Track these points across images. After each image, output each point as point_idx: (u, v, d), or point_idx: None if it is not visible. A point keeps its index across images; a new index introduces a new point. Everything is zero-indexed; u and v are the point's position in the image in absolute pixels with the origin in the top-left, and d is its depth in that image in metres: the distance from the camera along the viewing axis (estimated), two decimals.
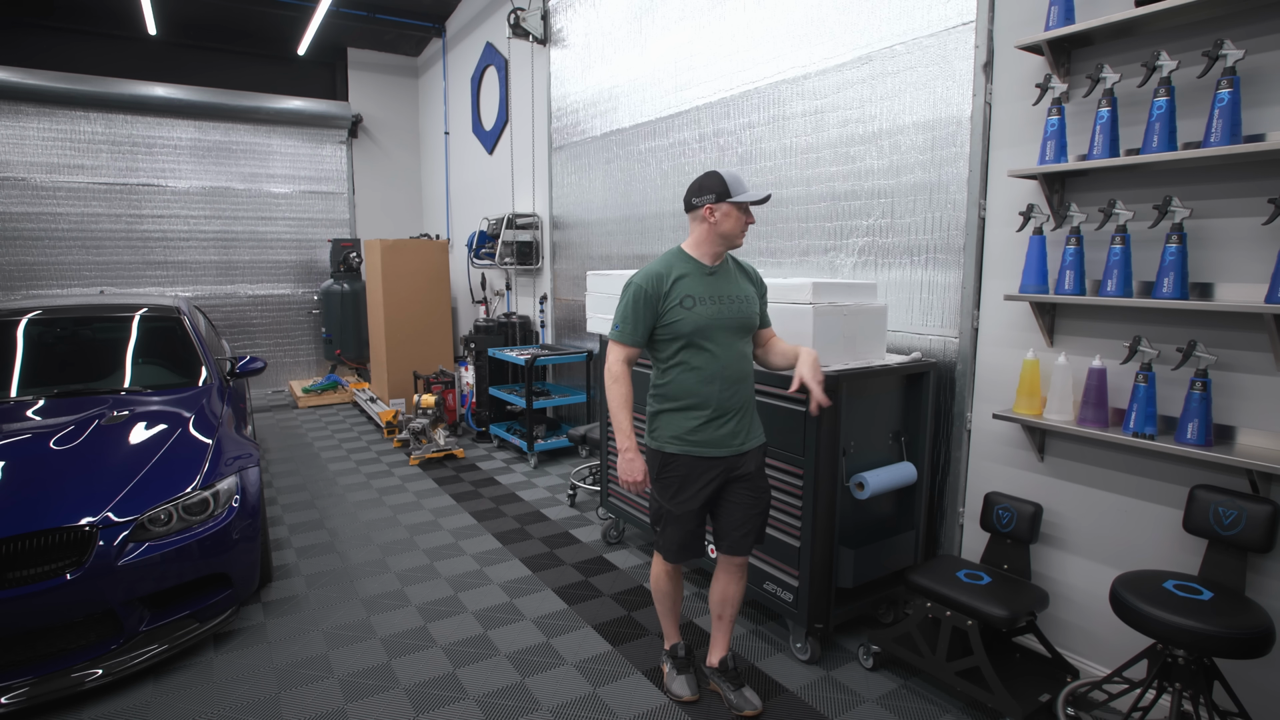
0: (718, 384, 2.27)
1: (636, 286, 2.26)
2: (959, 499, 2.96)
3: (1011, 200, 2.69)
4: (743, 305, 2.33)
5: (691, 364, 2.26)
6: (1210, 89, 2.11)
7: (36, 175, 7.18)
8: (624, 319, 2.28)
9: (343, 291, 8.02)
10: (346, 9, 7.19)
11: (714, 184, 2.26)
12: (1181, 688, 2.02)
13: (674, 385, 2.29)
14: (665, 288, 2.25)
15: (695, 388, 2.27)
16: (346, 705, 2.49)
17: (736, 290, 2.34)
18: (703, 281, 2.29)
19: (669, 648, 2.60)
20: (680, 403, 2.29)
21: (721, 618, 2.53)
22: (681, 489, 2.32)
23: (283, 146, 8.31)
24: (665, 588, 2.52)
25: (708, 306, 2.26)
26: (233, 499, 2.88)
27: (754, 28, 3.84)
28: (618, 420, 2.27)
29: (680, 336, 2.25)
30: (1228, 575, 2.10)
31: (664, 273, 2.27)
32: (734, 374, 2.29)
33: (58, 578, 2.43)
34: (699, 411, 2.27)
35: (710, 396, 2.27)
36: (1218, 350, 2.17)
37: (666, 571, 2.49)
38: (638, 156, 4.91)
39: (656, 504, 2.40)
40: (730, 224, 2.27)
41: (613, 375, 2.29)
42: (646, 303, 2.25)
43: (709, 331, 2.25)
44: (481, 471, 5.24)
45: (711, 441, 2.29)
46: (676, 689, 2.52)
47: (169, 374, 3.84)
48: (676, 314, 2.24)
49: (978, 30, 2.75)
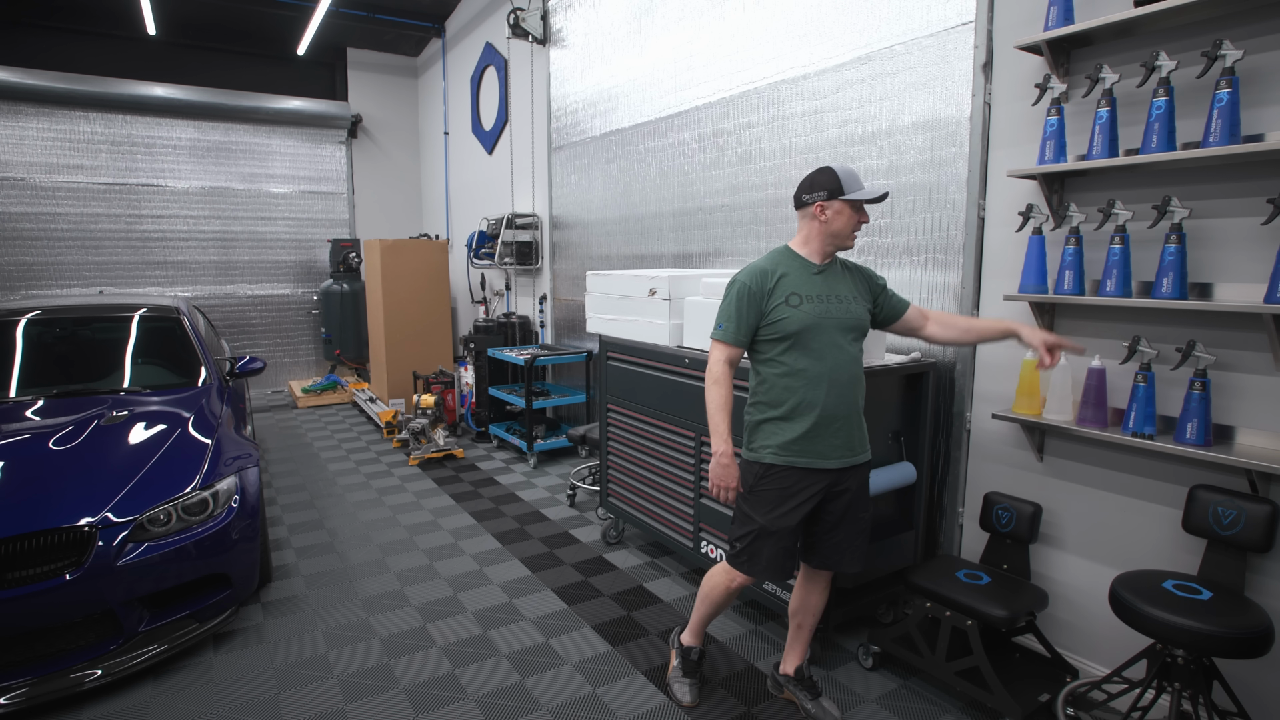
0: (824, 387, 2.12)
1: (740, 284, 2.15)
2: (958, 499, 2.97)
3: (1011, 200, 2.69)
4: (852, 305, 2.19)
5: (796, 366, 2.13)
6: (1209, 89, 2.11)
7: (36, 175, 7.18)
8: (727, 318, 2.17)
9: (342, 291, 8.02)
10: (346, 9, 7.19)
11: (826, 180, 2.13)
12: (1181, 687, 2.02)
13: (777, 389, 2.15)
14: (770, 284, 2.14)
15: (801, 391, 2.12)
16: (346, 705, 2.49)
17: (844, 290, 2.20)
18: (809, 279, 2.17)
19: (686, 645, 2.54)
20: (784, 408, 2.14)
21: (801, 626, 2.43)
22: (780, 503, 2.16)
23: (282, 146, 8.31)
24: (721, 600, 2.39)
25: (815, 305, 2.13)
26: (232, 499, 2.88)
27: (753, 28, 3.84)
28: (715, 423, 2.15)
29: (786, 336, 2.12)
30: (1227, 575, 2.10)
31: (769, 269, 2.17)
32: (843, 377, 2.14)
33: (57, 578, 2.43)
34: (804, 418, 2.12)
35: (816, 400, 2.12)
36: (1217, 350, 2.17)
37: (731, 586, 2.32)
38: (637, 156, 4.91)
39: (743, 518, 2.23)
40: (841, 223, 2.14)
41: (713, 377, 2.17)
42: (751, 300, 2.14)
43: (816, 331, 2.12)
44: (481, 472, 5.24)
45: (817, 451, 2.14)
46: (678, 692, 2.50)
47: (168, 374, 3.84)
48: (782, 311, 2.12)
49: (977, 30, 2.75)
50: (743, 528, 2.24)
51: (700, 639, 2.56)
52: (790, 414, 2.14)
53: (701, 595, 2.46)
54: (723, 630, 2.98)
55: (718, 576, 2.37)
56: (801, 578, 2.41)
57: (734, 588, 2.33)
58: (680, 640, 2.59)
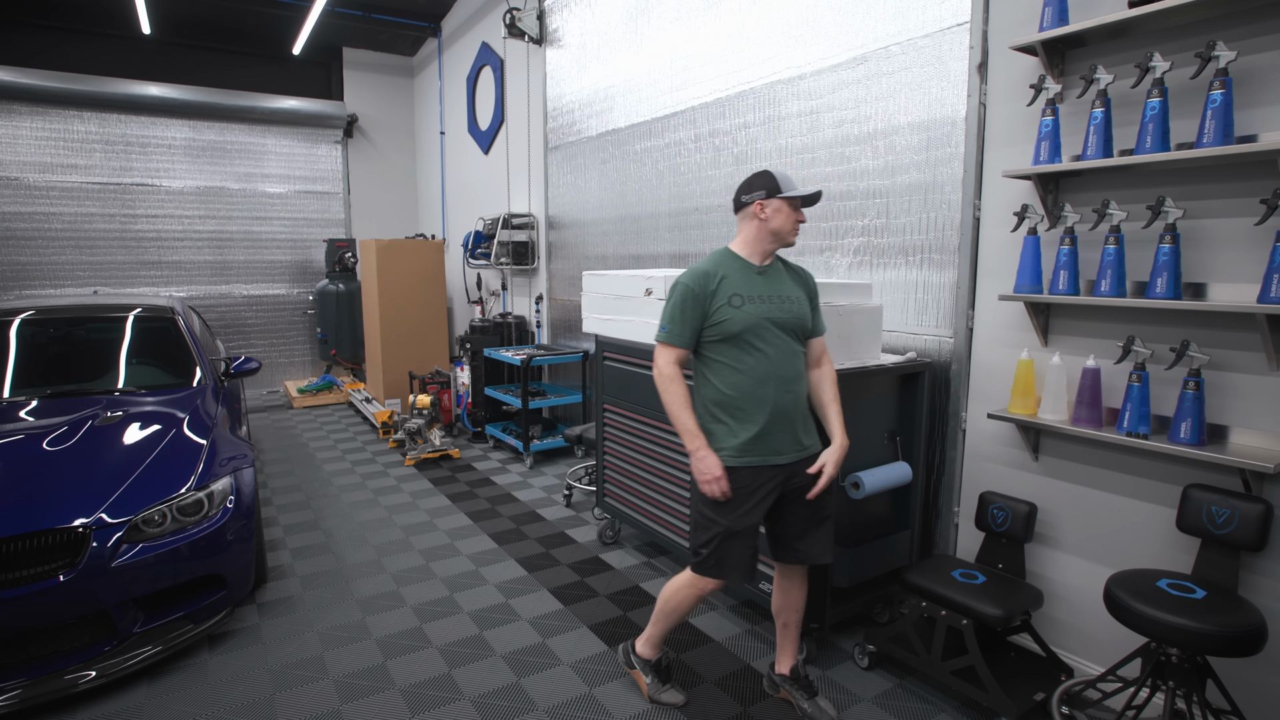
0: (771, 385, 2.17)
1: (684, 286, 2.20)
2: (954, 498, 2.97)
3: (1006, 200, 2.70)
4: (794, 305, 2.25)
5: (742, 366, 2.17)
6: (1203, 90, 2.12)
7: (30, 175, 7.15)
8: (672, 320, 2.21)
9: (338, 292, 8.01)
10: (341, 8, 7.17)
11: (764, 181, 2.22)
12: (1175, 686, 2.03)
13: (726, 391, 2.19)
14: (713, 286, 2.18)
15: (749, 390, 2.17)
16: (341, 706, 2.48)
17: (786, 290, 2.26)
18: (752, 280, 2.22)
19: (652, 660, 2.53)
20: (734, 409, 2.19)
21: (788, 624, 2.45)
22: (741, 503, 2.19)
23: (278, 146, 8.28)
24: (683, 607, 2.39)
25: (757, 305, 2.18)
26: (227, 500, 2.87)
27: (749, 28, 3.84)
28: (682, 421, 2.18)
29: (730, 336, 2.17)
30: (1221, 574, 2.11)
31: (712, 271, 2.21)
32: (789, 374, 2.20)
33: (51, 579, 2.42)
34: (756, 418, 2.17)
35: (766, 399, 2.17)
36: (1211, 350, 2.18)
37: (697, 592, 2.32)
38: (633, 157, 4.91)
39: (707, 523, 2.24)
40: (780, 220, 2.21)
41: (666, 376, 2.19)
42: (695, 302, 2.18)
43: (759, 330, 2.17)
44: (477, 472, 5.23)
45: (770, 449, 2.19)
46: (668, 698, 2.49)
47: (163, 374, 3.83)
48: (725, 313, 2.16)
49: (972, 31, 2.75)
50: (707, 533, 2.24)
51: (660, 650, 2.54)
52: (741, 414, 2.18)
53: (664, 608, 2.43)
54: (718, 630, 2.98)
55: (685, 588, 2.36)
56: (778, 576, 2.43)
57: (703, 593, 2.33)
58: (639, 655, 2.55)
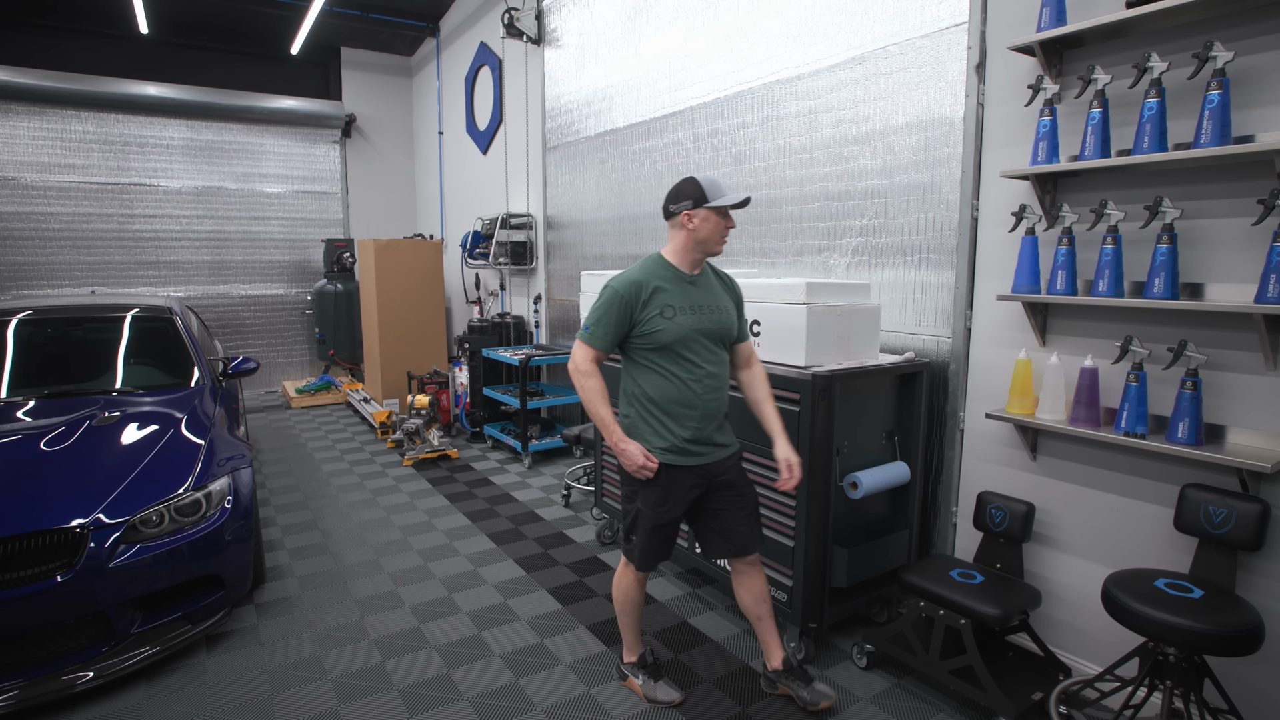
0: (698, 392, 2.26)
1: (614, 291, 2.24)
2: (952, 498, 2.97)
3: (1004, 201, 2.70)
4: (721, 316, 2.32)
5: (672, 374, 2.25)
6: (1200, 90, 2.12)
7: (27, 174, 7.14)
8: (597, 321, 2.26)
9: (336, 292, 8.00)
10: (340, 8, 7.17)
11: (691, 190, 2.24)
12: (1172, 685, 2.03)
13: (654, 395, 2.27)
14: (645, 296, 2.23)
15: (677, 397, 2.25)
16: (340, 707, 2.48)
17: (716, 300, 2.33)
18: (683, 291, 2.28)
19: (635, 659, 2.57)
20: (662, 413, 2.27)
21: (761, 618, 2.49)
22: (666, 499, 2.29)
23: (276, 146, 8.28)
24: (635, 597, 2.48)
25: (688, 316, 2.25)
26: (225, 500, 2.86)
27: (748, 28, 3.84)
28: (601, 415, 2.26)
29: (662, 346, 2.23)
30: (1218, 573, 2.11)
31: (644, 281, 2.25)
32: (715, 382, 2.30)
33: (48, 580, 2.41)
34: (683, 422, 2.26)
35: (693, 405, 2.26)
36: (1208, 350, 2.18)
37: (638, 580, 2.45)
38: (632, 157, 4.91)
39: (632, 514, 2.35)
40: (709, 230, 2.24)
41: (584, 372, 2.27)
42: (624, 309, 2.23)
43: (689, 341, 2.24)
44: (476, 472, 5.23)
45: (695, 452, 2.29)
46: (663, 695, 2.49)
47: (161, 374, 3.82)
48: (657, 324, 2.22)
49: (970, 31, 2.76)
50: (634, 525, 2.36)
51: (640, 642, 2.60)
52: (668, 418, 2.27)
53: (620, 607, 2.52)
54: (716, 630, 2.98)
55: (624, 578, 2.47)
56: (733, 574, 2.49)
57: (640, 580, 2.46)
58: (626, 663, 2.59)
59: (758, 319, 2.82)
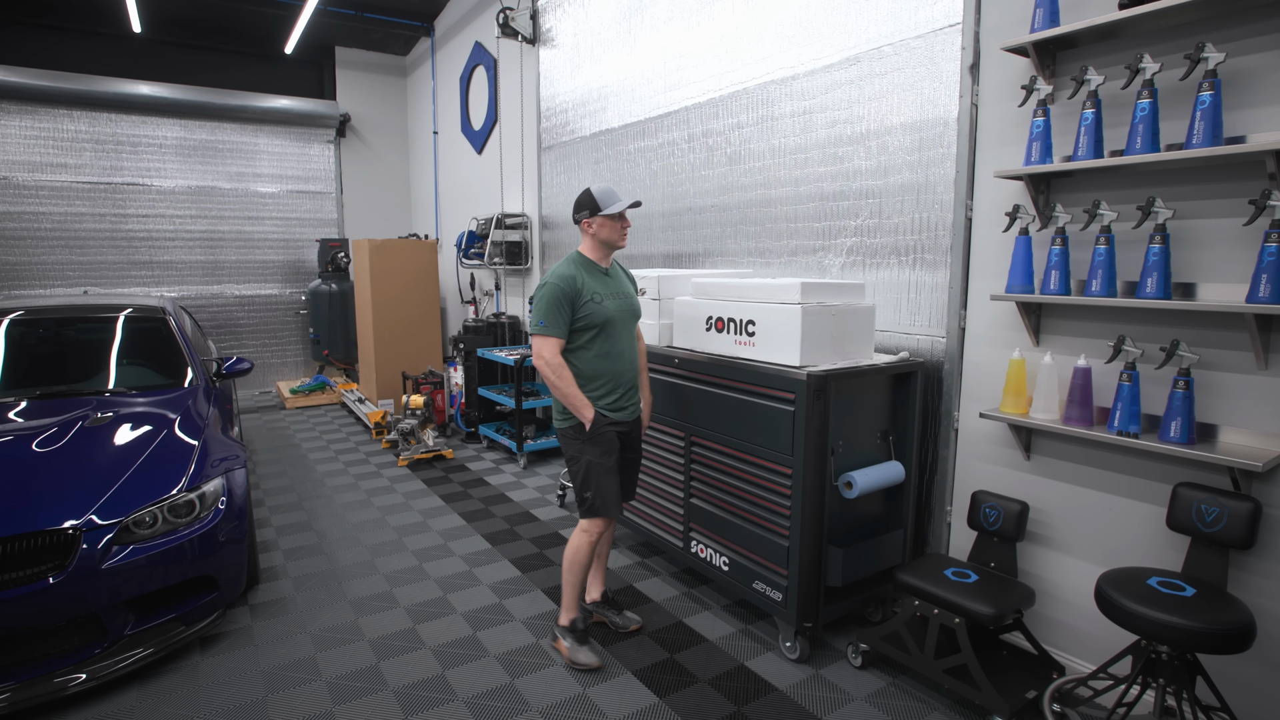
0: (620, 363, 2.70)
1: (554, 286, 2.60)
2: (946, 498, 2.98)
3: (998, 201, 2.71)
4: (630, 301, 2.79)
5: (601, 349, 2.67)
6: (1192, 91, 2.13)
7: (19, 174, 7.10)
8: (548, 315, 2.60)
9: (330, 292, 7.97)
10: (334, 7, 7.15)
11: (587, 201, 2.68)
12: (1165, 683, 2.04)
13: (590, 367, 2.66)
14: (577, 287, 2.62)
15: (607, 367, 2.68)
16: (334, 708, 2.47)
17: (625, 288, 2.80)
18: (602, 281, 2.71)
19: (568, 623, 2.78)
20: (596, 381, 2.67)
21: (600, 557, 3.00)
22: (609, 445, 2.68)
23: (270, 146, 8.25)
24: (583, 559, 2.74)
25: (611, 301, 2.69)
26: (219, 501, 2.85)
27: (743, 28, 3.85)
28: (576, 398, 2.61)
29: (594, 326, 2.64)
30: (1210, 572, 2.12)
31: (573, 275, 2.65)
32: (630, 354, 2.76)
33: (40, 581, 2.40)
34: (612, 387, 2.69)
35: (621, 373, 2.71)
36: (1200, 349, 2.20)
37: (589, 543, 2.72)
38: (627, 156, 4.91)
39: (582, 470, 2.69)
40: (607, 232, 2.69)
41: (557, 365, 2.61)
42: (565, 300, 2.60)
43: (614, 321, 2.68)
44: (470, 472, 5.22)
45: (618, 410, 2.72)
46: (584, 659, 2.70)
47: (154, 375, 3.81)
48: (590, 308, 2.62)
49: (964, 32, 2.76)
50: (587, 477, 2.69)
51: (578, 606, 2.82)
52: (602, 385, 2.68)
53: (567, 568, 2.77)
54: (712, 629, 2.98)
55: (579, 541, 2.74)
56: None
57: (593, 540, 2.73)
58: (559, 625, 2.80)
59: (753, 319, 2.82)
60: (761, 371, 2.75)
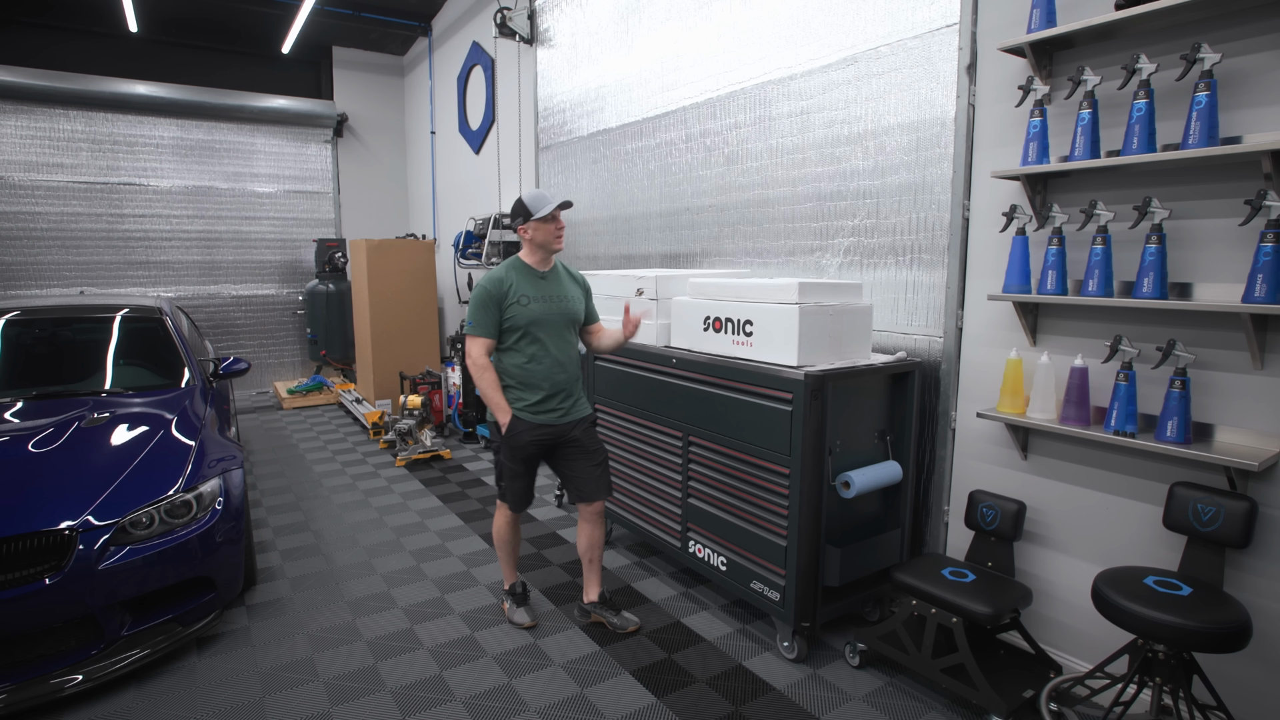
0: (546, 366, 2.78)
1: (483, 289, 2.74)
2: (944, 497, 2.99)
3: (995, 201, 2.71)
4: (568, 304, 2.86)
5: (526, 351, 2.77)
6: (1188, 91, 2.14)
7: (14, 174, 7.08)
8: (476, 316, 2.74)
9: (328, 292, 7.96)
10: (331, 7, 7.14)
11: (520, 208, 2.78)
12: (1162, 682, 2.05)
13: (513, 368, 2.79)
14: (505, 289, 2.74)
15: (530, 369, 2.77)
16: (332, 709, 2.47)
17: (564, 291, 2.86)
18: (535, 284, 2.80)
19: (508, 588, 3.08)
20: (517, 381, 2.79)
21: (592, 561, 3.03)
22: (522, 454, 2.81)
23: (267, 145, 8.24)
24: (508, 535, 3.02)
25: (540, 304, 2.77)
26: (216, 501, 2.85)
27: (740, 28, 3.85)
28: (496, 400, 2.77)
29: (518, 328, 2.74)
30: (1206, 571, 2.13)
31: (503, 277, 2.76)
32: (564, 359, 2.84)
33: (36, 582, 2.39)
34: (538, 390, 2.78)
35: (543, 377, 2.78)
36: (1196, 349, 2.20)
37: (509, 521, 2.99)
38: (624, 157, 4.91)
39: (499, 465, 2.87)
40: (542, 235, 2.77)
41: (481, 365, 2.75)
42: (493, 301, 2.73)
43: (541, 324, 2.76)
44: (468, 472, 5.22)
45: (544, 411, 2.80)
46: (518, 618, 3.00)
47: (151, 375, 3.80)
48: (514, 310, 2.73)
49: (961, 32, 2.77)
50: (499, 472, 2.89)
51: (515, 575, 3.11)
52: (525, 387, 2.79)
53: (498, 545, 3.05)
54: (710, 629, 2.98)
55: (497, 520, 3.02)
56: (580, 520, 3.00)
57: (511, 521, 2.99)
58: (504, 590, 3.10)
59: (751, 319, 2.82)
60: (759, 371, 2.75)
